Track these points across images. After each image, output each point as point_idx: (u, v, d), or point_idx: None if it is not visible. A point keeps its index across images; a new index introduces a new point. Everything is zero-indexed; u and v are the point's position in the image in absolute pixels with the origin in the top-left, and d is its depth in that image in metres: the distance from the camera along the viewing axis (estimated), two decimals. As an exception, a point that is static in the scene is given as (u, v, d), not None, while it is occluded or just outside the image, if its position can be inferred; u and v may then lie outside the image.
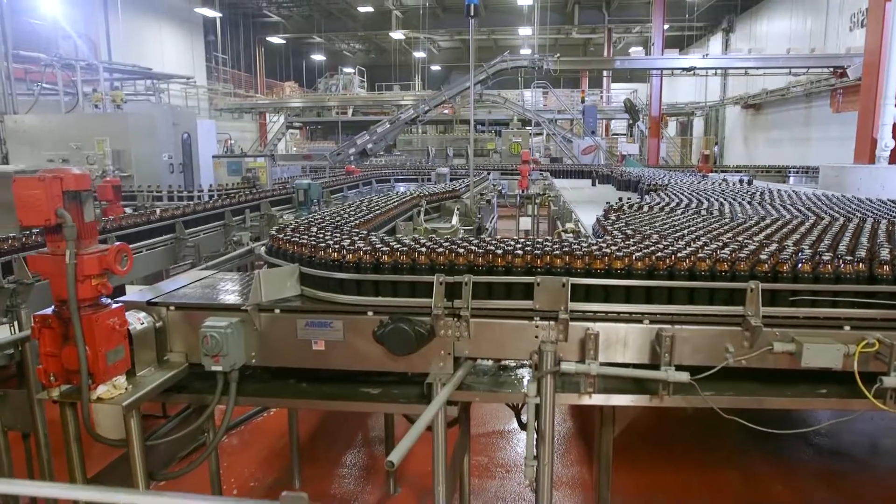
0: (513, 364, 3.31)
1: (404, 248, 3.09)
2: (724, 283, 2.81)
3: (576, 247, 3.10)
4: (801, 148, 20.98)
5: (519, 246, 3.11)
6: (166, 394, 3.17)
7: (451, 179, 11.51)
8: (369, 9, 29.46)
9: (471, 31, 6.67)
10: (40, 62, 12.80)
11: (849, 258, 2.83)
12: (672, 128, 32.10)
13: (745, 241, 3.36)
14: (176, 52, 25.53)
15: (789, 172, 14.36)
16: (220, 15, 27.28)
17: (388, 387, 3.20)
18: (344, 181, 10.63)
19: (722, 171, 13.83)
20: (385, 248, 3.09)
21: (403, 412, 3.23)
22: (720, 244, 3.21)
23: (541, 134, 24.91)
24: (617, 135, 29.91)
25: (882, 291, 2.75)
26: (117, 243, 2.79)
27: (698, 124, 31.34)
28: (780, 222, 4.13)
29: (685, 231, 3.76)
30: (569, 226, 5.15)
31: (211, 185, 8.98)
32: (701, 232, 3.74)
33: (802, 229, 3.80)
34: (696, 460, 4.82)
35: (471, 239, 3.44)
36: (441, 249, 3.04)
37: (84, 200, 2.71)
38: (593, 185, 10.87)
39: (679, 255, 2.90)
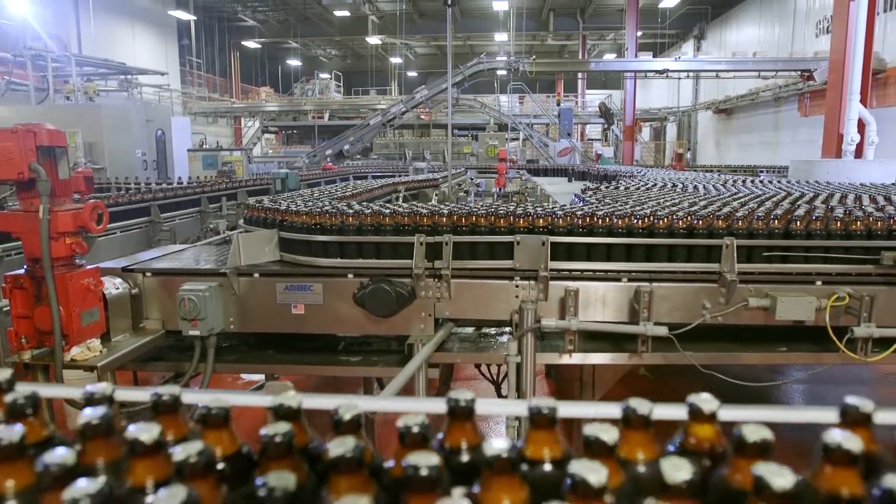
0: (493, 332, 3.33)
1: (385, 211, 3.09)
2: (700, 240, 2.86)
3: (555, 209, 3.13)
4: (771, 151, 21.43)
5: (499, 207, 3.14)
6: (142, 362, 3.12)
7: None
8: (346, 13, 29.41)
9: (448, 21, 6.71)
10: (8, 61, 12.54)
11: (820, 215, 2.90)
12: (646, 133, 32.59)
13: (721, 203, 3.43)
14: (149, 55, 25.17)
15: (760, 172, 14.64)
16: (195, 18, 27.01)
17: (367, 355, 3.20)
18: (321, 175, 10.60)
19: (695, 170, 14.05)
20: (365, 210, 3.09)
21: (383, 375, 3.21)
22: (696, 206, 3.27)
23: (517, 139, 25.09)
24: (592, 140, 30.25)
25: (852, 247, 2.83)
26: (92, 200, 2.75)
27: (671, 129, 31.85)
28: (753, 194, 4.22)
29: (662, 199, 3.82)
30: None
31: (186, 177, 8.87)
32: (677, 199, 3.81)
33: (775, 199, 3.89)
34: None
35: (449, 203, 3.46)
36: (421, 210, 3.05)
37: (58, 157, 2.67)
38: (570, 181, 11.00)
39: (656, 213, 2.95)
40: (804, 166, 8.86)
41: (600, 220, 2.93)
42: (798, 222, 2.86)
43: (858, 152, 9.33)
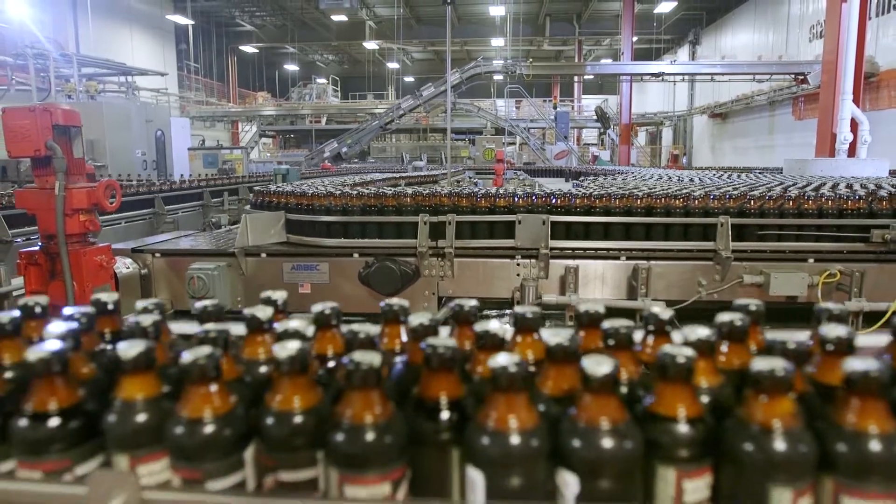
0: (494, 313, 3.41)
1: (390, 192, 3.17)
2: (696, 219, 2.95)
3: (555, 191, 3.22)
4: (766, 155, 21.59)
5: (500, 190, 3.22)
6: (151, 341, 3.18)
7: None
8: (343, 18, 29.55)
9: (448, 21, 6.81)
10: (7, 64, 12.59)
11: (812, 195, 2.99)
12: (642, 137, 32.79)
13: (716, 187, 3.52)
14: (147, 60, 25.19)
15: (755, 173, 14.76)
16: (193, 23, 27.11)
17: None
18: (321, 174, 10.66)
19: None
20: (371, 192, 3.17)
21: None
22: (692, 188, 3.36)
23: (514, 143, 25.21)
24: (589, 144, 30.44)
25: (843, 225, 2.92)
26: (105, 179, 2.82)
27: (667, 134, 32.07)
28: (748, 184, 4.31)
29: (659, 186, 3.91)
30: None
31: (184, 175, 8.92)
32: (674, 185, 3.90)
33: (769, 184, 3.98)
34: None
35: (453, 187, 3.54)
36: (425, 191, 3.13)
37: (73, 136, 2.74)
38: (566, 181, 11.13)
39: (654, 193, 3.03)
40: (798, 165, 8.97)
41: (600, 201, 3.01)
42: (791, 202, 2.95)
43: (851, 151, 9.47)
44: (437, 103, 20.42)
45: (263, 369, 0.85)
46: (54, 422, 0.71)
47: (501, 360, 0.67)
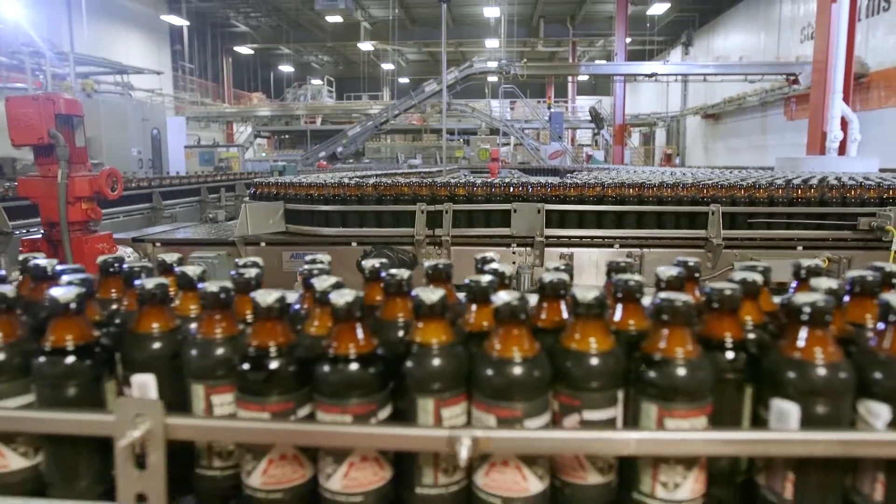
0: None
1: (388, 181, 3.22)
2: (689, 207, 3.01)
3: (551, 180, 3.28)
4: (759, 155, 21.75)
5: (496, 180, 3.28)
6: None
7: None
8: (338, 19, 29.57)
9: (443, 17, 6.86)
10: (6, 58, 12.57)
11: (800, 184, 3.06)
12: (635, 138, 32.96)
13: (708, 176, 3.59)
14: (143, 61, 25.11)
15: (747, 171, 14.86)
16: (188, 23, 27.09)
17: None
18: (318, 172, 10.71)
19: (684, 171, 14.24)
20: (369, 181, 3.22)
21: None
22: (684, 178, 3.43)
23: (508, 144, 25.31)
24: (583, 145, 30.56)
25: (831, 213, 2.99)
26: (108, 167, 2.86)
27: (660, 134, 32.25)
28: (740, 178, 4.39)
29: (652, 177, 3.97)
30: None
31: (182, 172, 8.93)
32: (667, 176, 3.96)
33: (761, 176, 4.05)
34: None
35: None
36: (423, 181, 3.18)
37: (75, 125, 2.78)
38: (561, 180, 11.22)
39: (648, 182, 3.09)
40: (789, 163, 9.06)
41: (594, 190, 3.07)
42: (780, 190, 3.02)
43: (842, 150, 9.58)
44: (432, 102, 20.47)
45: None
46: (359, 366, 0.73)
47: (809, 297, 0.71)
